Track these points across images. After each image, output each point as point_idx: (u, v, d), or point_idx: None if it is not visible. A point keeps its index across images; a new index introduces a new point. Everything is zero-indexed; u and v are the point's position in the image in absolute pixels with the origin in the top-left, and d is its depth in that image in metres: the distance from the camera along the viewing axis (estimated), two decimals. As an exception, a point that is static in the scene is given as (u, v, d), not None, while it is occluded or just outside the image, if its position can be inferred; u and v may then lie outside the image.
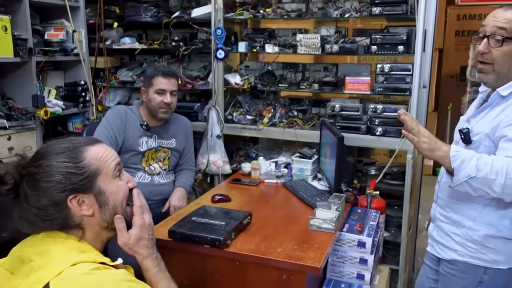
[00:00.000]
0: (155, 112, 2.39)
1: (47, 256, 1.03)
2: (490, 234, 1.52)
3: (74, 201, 1.08)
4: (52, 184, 1.05)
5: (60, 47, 2.94)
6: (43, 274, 0.99)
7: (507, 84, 1.48)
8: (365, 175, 2.85)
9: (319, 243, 1.74)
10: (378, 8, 2.45)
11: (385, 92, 2.57)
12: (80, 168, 1.08)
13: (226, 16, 2.81)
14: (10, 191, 1.07)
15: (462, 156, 1.40)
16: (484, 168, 1.36)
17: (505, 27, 1.44)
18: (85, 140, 1.15)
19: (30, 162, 1.09)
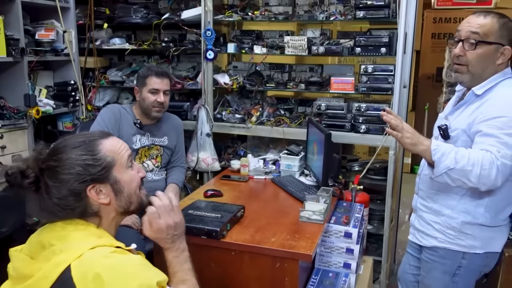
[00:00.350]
0: (149, 111, 2.46)
1: (67, 241, 1.11)
2: (467, 221, 1.65)
3: (93, 190, 1.16)
4: (72, 175, 1.13)
5: (50, 47, 2.99)
6: (64, 257, 1.06)
7: (481, 84, 1.61)
8: (349, 171, 2.98)
9: (309, 233, 1.84)
10: (362, 11, 2.59)
11: (368, 92, 2.70)
12: (97, 160, 1.16)
13: (216, 18, 2.91)
14: (31, 184, 1.13)
15: (442, 150, 1.52)
16: (462, 160, 1.48)
17: (478, 32, 1.57)
18: (98, 134, 1.24)
19: (49, 157, 1.15)
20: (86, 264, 1.05)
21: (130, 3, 3.34)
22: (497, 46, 1.57)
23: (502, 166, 1.45)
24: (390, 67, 2.63)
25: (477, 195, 1.62)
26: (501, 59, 1.58)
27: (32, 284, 1.07)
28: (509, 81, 1.61)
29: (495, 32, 1.56)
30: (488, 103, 1.57)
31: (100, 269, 1.04)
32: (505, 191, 1.60)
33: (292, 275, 1.71)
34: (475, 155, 1.48)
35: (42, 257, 1.10)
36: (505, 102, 1.53)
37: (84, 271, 1.04)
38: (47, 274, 1.05)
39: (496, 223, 1.65)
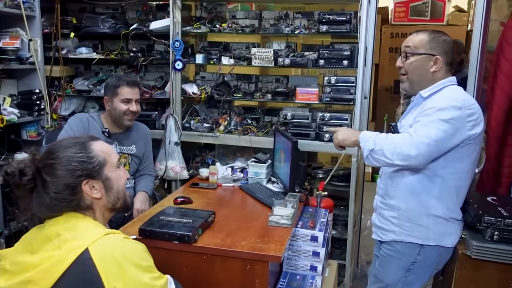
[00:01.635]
0: (121, 119, 2.48)
1: (77, 230, 1.22)
2: (422, 213, 1.80)
3: (87, 185, 1.28)
4: (69, 171, 1.25)
5: (15, 56, 2.95)
6: (79, 243, 1.17)
7: (427, 88, 1.84)
8: (314, 178, 3.08)
9: (278, 237, 1.91)
10: (325, 26, 2.72)
11: (331, 102, 2.83)
12: (91, 158, 1.30)
13: (184, 29, 2.97)
14: (29, 182, 1.23)
15: (366, 136, 1.79)
16: (379, 141, 1.73)
17: (409, 45, 1.85)
18: (87, 137, 1.37)
19: (45, 156, 1.27)
20: (104, 247, 1.17)
21: (98, 13, 3.35)
22: (428, 56, 1.81)
23: (418, 143, 1.66)
24: (352, 78, 2.77)
25: (427, 188, 1.78)
26: (435, 67, 1.81)
27: (44, 270, 1.15)
28: (453, 87, 1.83)
29: (424, 44, 1.82)
30: (429, 100, 1.80)
31: (118, 252, 1.18)
32: (448, 181, 1.77)
33: (262, 277, 1.77)
34: (392, 137, 1.74)
35: (50, 247, 1.18)
36: (441, 98, 1.76)
37: (103, 252, 1.16)
38: (63, 258, 1.15)
39: (449, 215, 1.80)
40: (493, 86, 2.40)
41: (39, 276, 1.15)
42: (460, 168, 1.76)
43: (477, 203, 1.90)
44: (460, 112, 1.68)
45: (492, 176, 2.41)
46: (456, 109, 1.68)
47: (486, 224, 1.80)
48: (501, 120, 2.34)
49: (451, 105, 1.69)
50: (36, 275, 1.15)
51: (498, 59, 2.39)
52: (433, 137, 1.66)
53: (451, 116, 1.68)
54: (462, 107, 1.69)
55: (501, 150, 2.39)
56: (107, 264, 1.15)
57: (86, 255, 1.14)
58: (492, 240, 1.79)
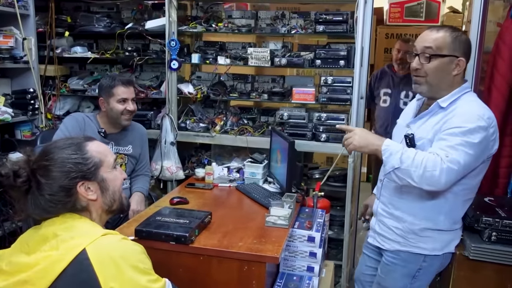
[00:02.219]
0: (119, 120, 2.46)
1: (75, 230, 1.21)
2: (428, 227, 1.75)
3: (82, 187, 1.26)
4: (64, 173, 1.23)
5: (9, 54, 2.92)
6: (77, 242, 1.16)
7: (446, 96, 1.71)
8: (310, 178, 3.07)
9: (275, 237, 1.91)
10: (322, 26, 2.72)
11: (328, 102, 2.82)
12: (86, 159, 1.27)
13: (180, 29, 2.95)
14: (24, 183, 1.21)
15: (391, 149, 1.65)
16: (407, 160, 1.60)
17: (431, 46, 1.68)
18: (82, 137, 1.34)
19: (40, 157, 1.25)
20: (102, 247, 1.16)
21: (93, 12, 3.32)
22: (451, 58, 1.67)
23: (448, 170, 1.56)
24: (348, 79, 2.77)
25: (438, 203, 1.71)
26: (457, 70, 1.68)
27: (41, 270, 1.14)
28: (470, 94, 1.73)
29: (447, 45, 1.66)
30: (452, 115, 1.66)
31: (116, 252, 1.17)
32: (459, 197, 1.72)
33: (259, 278, 1.76)
34: (421, 157, 1.59)
35: (47, 247, 1.17)
36: (468, 115, 1.63)
37: (100, 253, 1.15)
38: (60, 258, 1.14)
39: (453, 228, 1.77)
40: (490, 87, 2.40)
41: (36, 276, 1.14)
42: (472, 184, 1.71)
43: (475, 204, 1.89)
44: (486, 132, 1.60)
45: (489, 177, 2.41)
46: (484, 130, 1.59)
47: (484, 225, 1.80)
48: (498, 120, 2.33)
49: (479, 126, 1.59)
50: (33, 275, 1.14)
51: (494, 59, 2.40)
52: (462, 163, 1.57)
53: (480, 139, 1.58)
54: (488, 126, 1.60)
55: (499, 150, 2.38)
56: (104, 265, 1.14)
57: (83, 256, 1.14)
58: (490, 241, 1.79)
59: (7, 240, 2.88)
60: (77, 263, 1.13)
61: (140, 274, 1.19)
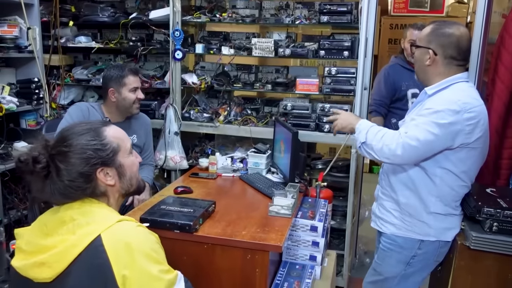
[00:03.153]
0: (131, 108, 2.48)
1: (92, 216, 1.22)
2: (421, 210, 1.80)
3: (102, 173, 1.27)
4: (84, 159, 1.23)
5: (14, 44, 2.93)
6: (93, 228, 1.17)
7: (433, 85, 1.79)
8: (313, 168, 3.09)
9: (278, 227, 1.92)
10: (326, 16, 2.71)
11: (332, 93, 2.83)
12: (104, 145, 1.27)
13: (184, 19, 2.95)
14: (43, 169, 1.21)
15: (361, 127, 1.83)
16: (370, 136, 1.77)
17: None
18: (100, 122, 1.37)
19: (58, 143, 1.24)
20: (116, 234, 1.17)
21: (97, 1, 3.32)
22: (424, 50, 1.78)
23: (405, 144, 1.67)
24: (352, 69, 2.77)
25: (426, 185, 1.78)
26: (429, 61, 1.77)
27: (57, 253, 1.16)
28: (461, 84, 1.76)
29: (424, 37, 1.79)
30: (430, 99, 1.77)
31: (130, 239, 1.17)
32: (446, 182, 1.76)
33: (263, 267, 1.78)
34: (382, 133, 1.75)
35: (64, 230, 1.19)
36: (441, 99, 1.71)
37: (114, 239, 1.16)
38: (76, 243, 1.15)
39: (448, 212, 1.80)
40: (494, 78, 2.40)
41: (52, 259, 1.16)
42: (459, 170, 1.74)
43: (477, 194, 1.91)
44: (457, 116, 1.63)
45: (491, 168, 2.42)
46: (453, 112, 1.63)
47: (486, 215, 1.81)
48: (501, 112, 2.35)
49: (449, 108, 1.64)
50: (50, 258, 1.16)
51: (499, 51, 2.39)
52: (421, 140, 1.65)
53: (447, 120, 1.63)
54: (461, 110, 1.63)
55: (501, 142, 2.40)
56: (117, 252, 1.15)
57: (98, 242, 1.15)
58: (491, 231, 1.80)
59: (13, 228, 2.92)
60: (92, 249, 1.15)
61: (153, 263, 1.19)
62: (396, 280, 1.91)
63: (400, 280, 1.90)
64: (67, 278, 1.15)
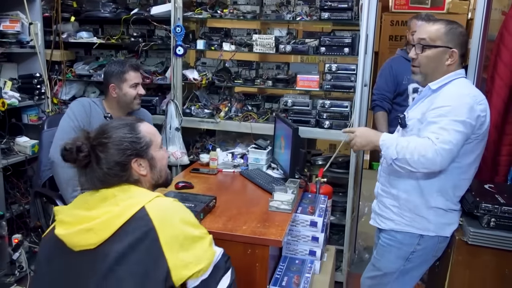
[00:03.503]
0: (131, 104, 2.49)
1: (132, 193, 1.36)
2: (422, 205, 1.81)
3: (136, 163, 1.40)
4: (121, 150, 1.37)
5: (15, 39, 2.94)
6: (136, 201, 1.31)
7: (436, 80, 1.80)
8: (313, 164, 3.10)
9: (279, 222, 1.95)
10: (327, 13, 2.72)
11: (332, 89, 2.84)
12: (139, 138, 1.41)
13: (185, 15, 2.96)
14: (85, 158, 1.34)
15: (387, 144, 1.76)
16: (401, 150, 1.70)
17: (424, 37, 1.79)
18: (133, 119, 1.48)
19: (99, 135, 1.38)
20: (158, 205, 1.33)
21: (98, -3, 3.33)
22: (444, 49, 1.76)
23: (442, 150, 1.64)
24: (352, 66, 2.78)
25: (429, 180, 1.79)
26: (450, 60, 1.77)
27: (103, 221, 1.27)
28: (461, 80, 1.80)
29: (441, 36, 1.76)
30: (438, 95, 1.77)
31: (172, 210, 1.34)
32: (451, 176, 1.78)
33: (263, 261, 1.81)
34: (413, 144, 1.69)
35: (107, 204, 1.32)
36: (452, 94, 1.73)
37: (158, 209, 1.31)
38: (121, 213, 1.28)
39: (448, 207, 1.82)
40: (493, 75, 2.42)
41: (99, 226, 1.27)
42: (464, 162, 1.77)
43: (475, 190, 1.93)
44: (473, 108, 1.67)
45: (490, 164, 2.44)
46: (468, 106, 1.67)
47: (483, 211, 1.83)
48: (500, 109, 2.36)
49: (462, 102, 1.67)
50: (96, 225, 1.27)
51: (498, 48, 2.41)
52: (453, 142, 1.65)
53: (466, 115, 1.66)
54: (474, 103, 1.68)
55: (500, 138, 2.42)
56: (162, 220, 1.28)
57: (143, 212, 1.28)
58: (488, 227, 1.82)
59: (15, 222, 2.95)
60: (137, 218, 1.27)
61: (194, 228, 1.36)
62: (395, 275, 1.93)
63: (399, 275, 1.92)
64: (111, 245, 1.25)
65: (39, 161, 2.58)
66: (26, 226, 3.06)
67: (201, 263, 1.32)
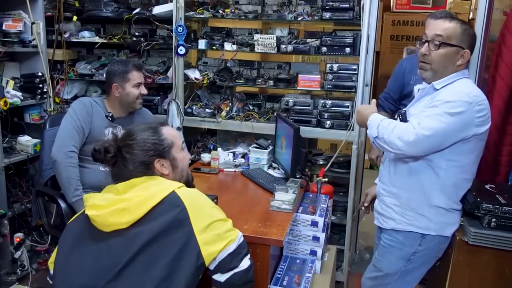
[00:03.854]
0: (134, 104, 2.50)
1: (160, 180, 1.48)
2: (423, 203, 1.81)
3: (158, 163, 1.51)
4: (145, 150, 1.48)
5: (18, 38, 2.95)
6: (166, 186, 1.43)
7: (441, 80, 1.79)
8: (314, 164, 3.11)
9: (280, 221, 1.96)
10: (328, 13, 2.73)
11: (333, 89, 2.84)
12: (162, 140, 1.52)
13: (187, 14, 2.96)
14: (112, 158, 1.47)
15: (372, 123, 1.81)
16: (382, 129, 1.75)
17: (441, 34, 1.75)
18: (158, 123, 1.59)
19: (125, 138, 1.51)
20: (187, 191, 1.46)
21: (100, -4, 3.34)
22: (458, 49, 1.75)
23: (420, 135, 1.66)
24: (354, 66, 2.78)
25: (431, 179, 1.79)
26: (461, 60, 1.77)
27: (137, 202, 1.37)
28: (465, 80, 1.80)
29: (457, 36, 1.74)
30: (440, 92, 1.77)
31: (199, 196, 1.48)
32: (451, 174, 1.78)
33: (264, 260, 1.82)
34: (393, 125, 1.73)
35: (138, 189, 1.42)
36: (452, 91, 1.73)
37: (187, 194, 1.44)
38: (153, 195, 1.39)
39: (450, 206, 1.82)
40: (494, 75, 2.42)
41: (133, 206, 1.36)
42: (464, 162, 1.77)
43: (476, 190, 1.92)
44: (469, 107, 1.67)
45: (491, 164, 2.44)
46: (466, 103, 1.67)
47: (484, 211, 1.83)
48: (501, 109, 2.36)
49: (461, 99, 1.67)
50: (130, 206, 1.36)
51: (499, 48, 2.41)
52: (435, 129, 1.66)
53: (459, 110, 1.66)
54: (472, 102, 1.68)
55: (501, 139, 2.42)
56: (192, 204, 1.40)
57: (174, 195, 1.41)
58: (489, 227, 1.83)
59: (17, 221, 2.96)
60: (169, 199, 1.39)
61: (219, 212, 1.49)
62: (396, 276, 1.92)
63: (400, 276, 1.92)
64: (145, 224, 1.35)
65: (41, 160, 2.59)
66: (28, 225, 3.07)
67: (227, 239, 1.43)
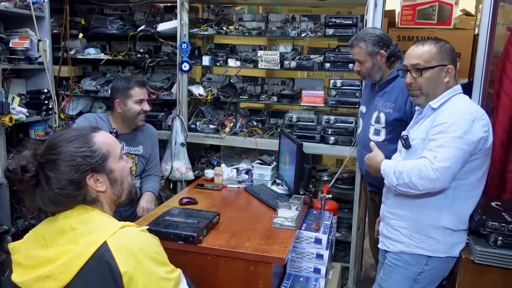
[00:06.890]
0: (135, 120, 2.52)
1: (92, 223, 1.21)
2: (432, 224, 1.79)
3: (92, 179, 1.26)
4: (73, 166, 1.22)
5: (24, 55, 2.98)
6: (96, 236, 1.16)
7: (437, 98, 1.80)
8: (318, 180, 3.09)
9: (282, 239, 1.93)
10: (332, 29, 2.74)
11: (337, 105, 2.84)
12: (94, 151, 1.26)
13: (191, 31, 2.99)
14: (32, 178, 1.21)
15: (386, 172, 1.80)
16: (400, 176, 1.73)
17: (418, 62, 1.78)
18: (89, 128, 1.33)
19: (47, 151, 1.23)
20: (122, 240, 1.17)
21: (106, 14, 3.39)
22: (441, 68, 1.77)
23: (440, 169, 1.64)
24: (357, 82, 2.78)
25: (440, 199, 1.76)
26: (448, 77, 1.79)
27: (62, 264, 1.15)
28: (460, 96, 1.81)
29: (435, 56, 1.77)
30: (440, 112, 1.76)
31: (137, 245, 1.18)
32: (461, 193, 1.76)
33: (266, 278, 1.79)
34: (409, 166, 1.71)
35: (65, 241, 1.18)
36: (453, 111, 1.73)
37: (121, 245, 1.16)
38: (81, 252, 1.15)
39: (458, 227, 1.80)
40: (499, 91, 2.40)
41: (57, 270, 1.14)
42: (473, 179, 1.76)
43: (481, 208, 1.90)
44: (474, 124, 1.67)
45: (496, 181, 2.40)
46: (469, 122, 1.67)
47: (490, 229, 1.80)
48: (506, 125, 2.34)
49: (463, 119, 1.68)
50: (54, 270, 1.15)
51: (504, 64, 2.39)
52: (452, 159, 1.65)
53: (465, 130, 1.66)
54: (475, 118, 1.68)
55: (506, 155, 2.39)
56: (125, 257, 1.15)
57: (105, 248, 1.15)
58: (495, 245, 1.79)
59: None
60: (99, 256, 1.14)
61: (159, 265, 1.22)
62: None
63: None
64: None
65: (44, 176, 2.59)
66: (31, 241, 3.05)
67: None
